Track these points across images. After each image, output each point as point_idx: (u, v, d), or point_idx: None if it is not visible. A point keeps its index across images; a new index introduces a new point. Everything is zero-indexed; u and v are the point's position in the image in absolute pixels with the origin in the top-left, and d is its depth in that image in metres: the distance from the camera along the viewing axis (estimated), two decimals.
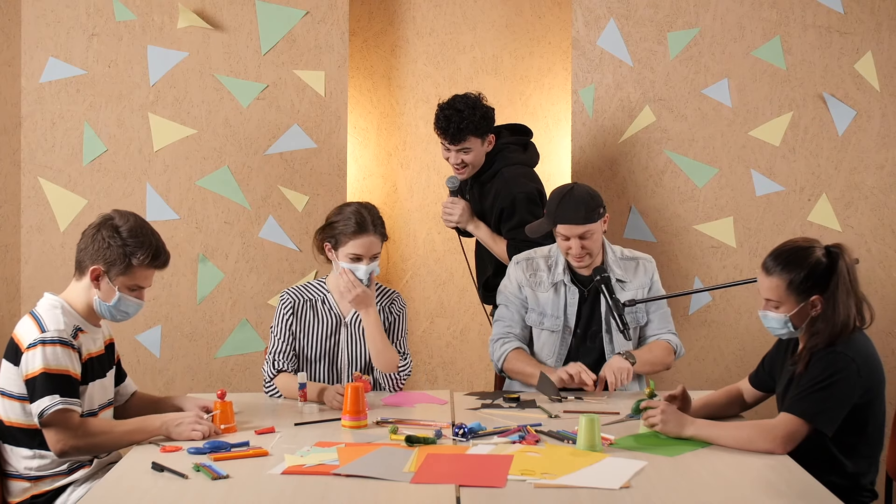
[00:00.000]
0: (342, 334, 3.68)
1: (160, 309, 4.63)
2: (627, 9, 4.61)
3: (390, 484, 2.62)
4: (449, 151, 4.17)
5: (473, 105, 4.13)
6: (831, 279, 2.93)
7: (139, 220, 3.12)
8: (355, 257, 3.57)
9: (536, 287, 3.78)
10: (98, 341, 3.17)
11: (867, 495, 2.99)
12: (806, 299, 2.94)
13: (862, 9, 4.57)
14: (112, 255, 3.04)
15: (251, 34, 4.60)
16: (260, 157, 4.63)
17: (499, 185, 4.19)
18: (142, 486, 2.63)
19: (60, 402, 2.91)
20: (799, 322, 2.98)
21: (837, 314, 2.91)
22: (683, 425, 2.96)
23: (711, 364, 4.67)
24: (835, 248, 2.96)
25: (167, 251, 3.15)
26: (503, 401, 3.53)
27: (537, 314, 3.77)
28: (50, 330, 2.97)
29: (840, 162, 4.61)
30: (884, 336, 4.63)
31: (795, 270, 2.94)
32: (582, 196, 3.65)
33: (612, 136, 4.64)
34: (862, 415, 2.93)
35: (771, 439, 2.82)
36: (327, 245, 3.62)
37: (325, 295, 3.70)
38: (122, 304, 3.09)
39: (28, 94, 4.57)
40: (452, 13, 4.91)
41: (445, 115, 4.11)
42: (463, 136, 4.11)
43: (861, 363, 2.89)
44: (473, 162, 4.18)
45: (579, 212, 3.62)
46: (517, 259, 3.86)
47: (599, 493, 2.55)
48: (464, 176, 4.22)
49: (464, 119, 4.08)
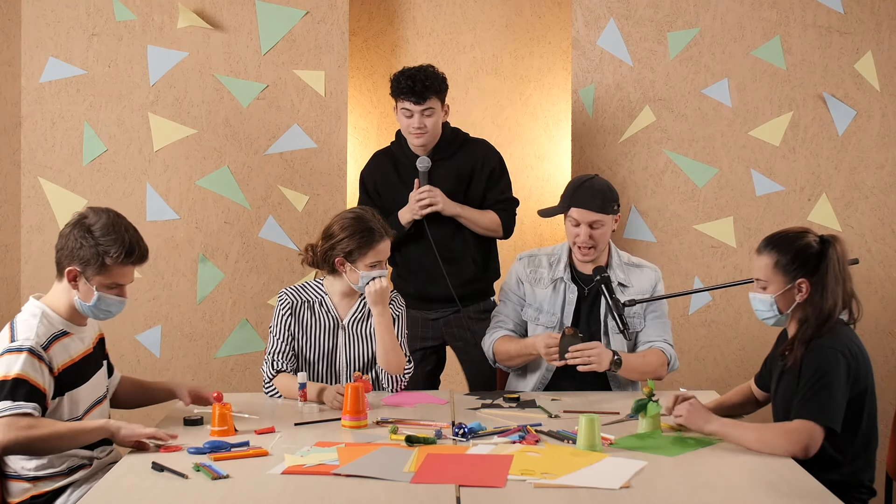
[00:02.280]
0: (339, 337, 3.68)
1: (160, 309, 4.63)
2: (627, 9, 4.61)
3: (390, 484, 2.62)
4: (411, 116, 4.03)
5: (433, 69, 4.08)
6: (821, 264, 2.96)
7: (113, 216, 3.06)
8: (375, 264, 3.58)
9: (535, 283, 3.78)
10: (87, 339, 3.14)
11: (865, 492, 3.00)
12: (792, 281, 2.98)
13: (862, 9, 4.57)
14: (85, 254, 3.00)
15: (251, 34, 4.60)
16: (260, 157, 4.63)
17: (479, 148, 4.17)
18: (142, 486, 2.63)
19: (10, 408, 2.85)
20: (784, 306, 3.01)
21: (825, 300, 2.94)
22: (708, 421, 2.97)
23: (711, 364, 4.67)
24: (829, 237, 3.01)
25: (144, 246, 3.08)
26: (503, 401, 3.53)
27: (534, 310, 3.78)
28: (19, 339, 2.94)
29: (840, 162, 4.61)
30: (884, 336, 4.63)
31: (784, 251, 2.99)
32: (601, 186, 3.68)
33: (612, 136, 4.64)
34: (854, 412, 2.94)
35: (794, 442, 2.81)
36: (339, 259, 3.59)
37: (323, 297, 3.70)
38: (102, 303, 3.05)
39: (28, 94, 4.57)
40: (452, 13, 4.91)
41: (408, 75, 4.02)
42: (428, 94, 4.00)
43: (849, 356, 2.91)
44: (433, 128, 4.06)
45: (595, 200, 3.63)
46: (521, 255, 3.87)
47: (599, 493, 2.55)
48: (421, 142, 4.07)
49: (428, 77, 4.02)
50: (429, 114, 4.03)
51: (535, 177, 4.91)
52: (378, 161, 4.24)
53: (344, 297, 3.69)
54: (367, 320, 3.69)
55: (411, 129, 4.06)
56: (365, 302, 3.67)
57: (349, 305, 3.69)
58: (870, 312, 4.61)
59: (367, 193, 4.21)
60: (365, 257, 3.57)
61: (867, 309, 4.57)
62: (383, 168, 4.20)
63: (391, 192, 4.16)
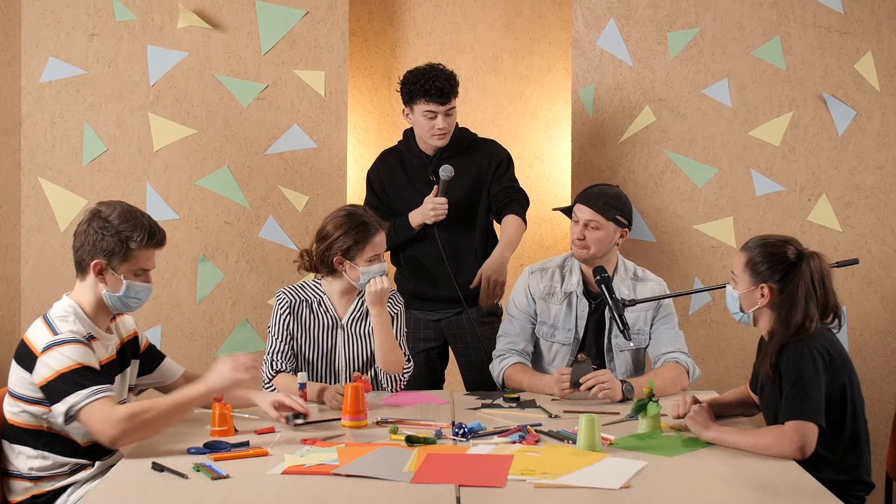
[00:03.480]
0: (339, 337, 3.68)
1: (160, 309, 4.63)
2: (627, 9, 4.61)
3: (390, 484, 2.62)
4: (435, 117, 4.02)
5: (445, 67, 4.07)
6: (790, 275, 2.98)
7: (125, 205, 3.07)
8: (374, 258, 3.58)
9: (549, 299, 3.74)
10: (110, 347, 3.13)
11: (861, 488, 3.01)
12: (756, 284, 3.02)
13: (862, 9, 4.57)
14: (108, 245, 3.00)
15: (251, 34, 4.60)
16: (260, 157, 4.63)
17: (488, 146, 4.21)
18: (142, 486, 2.63)
19: (90, 395, 2.86)
20: (746, 305, 3.06)
21: (793, 314, 2.96)
22: (707, 427, 2.98)
23: (711, 364, 4.67)
24: (809, 252, 3.03)
25: (161, 229, 3.10)
26: (503, 401, 3.53)
27: (548, 327, 3.75)
28: (63, 332, 2.94)
29: (840, 162, 4.61)
30: (884, 336, 4.63)
31: (759, 253, 3.04)
32: (611, 192, 3.69)
33: (612, 136, 4.64)
34: (837, 409, 2.96)
35: (789, 444, 2.83)
36: (337, 258, 3.59)
37: (321, 297, 3.69)
38: (131, 291, 3.05)
39: (28, 94, 4.57)
40: (452, 13, 4.91)
41: (431, 77, 4.00)
42: (452, 94, 4.02)
43: (823, 352, 2.93)
44: (452, 127, 4.10)
45: (598, 200, 3.63)
46: (531, 269, 3.81)
47: (599, 493, 2.55)
48: (445, 142, 4.07)
49: (449, 77, 4.03)
50: (451, 113, 4.05)
51: (535, 177, 4.91)
52: (385, 160, 4.24)
53: (342, 296, 3.69)
54: (365, 319, 3.68)
55: (434, 131, 4.05)
56: (363, 301, 3.67)
57: (348, 305, 3.69)
58: (870, 312, 4.62)
59: (374, 193, 4.22)
60: (363, 252, 3.56)
61: (867, 309, 4.61)
62: (390, 167, 4.19)
63: (398, 191, 4.15)
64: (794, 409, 2.87)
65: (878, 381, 4.63)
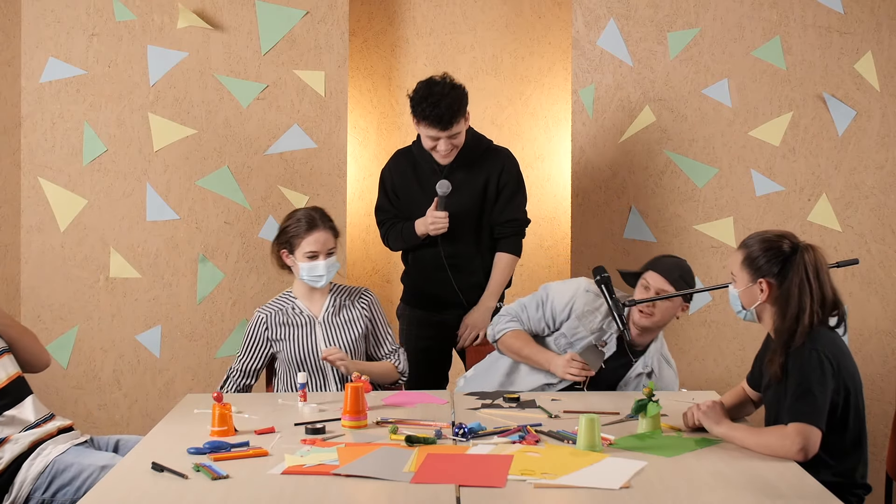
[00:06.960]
0: (318, 333, 3.75)
1: (160, 309, 4.64)
2: (627, 9, 4.61)
3: (390, 484, 2.62)
4: (437, 140, 3.95)
5: (451, 86, 3.93)
6: (787, 269, 2.97)
7: None
8: (312, 254, 3.67)
9: (582, 322, 3.69)
10: None
11: (860, 491, 3.01)
12: (754, 280, 3.02)
13: (862, 9, 4.57)
14: None
15: (251, 34, 4.60)
16: (260, 157, 4.63)
17: (498, 159, 4.12)
18: (142, 486, 2.63)
19: None
20: (747, 303, 3.05)
21: (790, 307, 2.96)
22: (719, 423, 3.00)
23: (711, 364, 4.67)
24: (804, 244, 3.01)
25: None
26: (503, 401, 3.53)
27: (566, 341, 3.73)
28: None
29: (840, 162, 4.61)
30: (884, 336, 4.63)
31: (755, 249, 3.04)
32: (685, 267, 3.65)
33: (612, 136, 4.64)
34: (842, 412, 2.95)
35: (791, 445, 2.83)
36: (283, 252, 3.72)
37: (293, 301, 3.80)
38: None
39: (28, 94, 4.57)
40: (452, 13, 4.91)
41: (432, 103, 3.87)
42: (455, 120, 3.89)
43: (829, 356, 2.92)
44: (457, 147, 4.02)
45: (673, 272, 3.59)
46: (588, 287, 3.72)
47: (599, 493, 2.55)
48: (448, 161, 4.02)
49: (453, 102, 3.88)
50: (455, 136, 3.97)
51: (535, 177, 4.91)
52: (397, 161, 4.23)
53: (310, 294, 3.79)
54: (339, 311, 3.79)
55: (435, 154, 4.02)
56: (334, 295, 3.79)
57: (320, 302, 3.79)
58: (870, 312, 4.62)
59: (386, 192, 4.22)
60: (300, 246, 3.68)
61: (867, 309, 4.61)
62: (402, 169, 4.19)
63: (408, 193, 4.16)
64: (797, 410, 2.87)
65: (878, 381, 4.63)
